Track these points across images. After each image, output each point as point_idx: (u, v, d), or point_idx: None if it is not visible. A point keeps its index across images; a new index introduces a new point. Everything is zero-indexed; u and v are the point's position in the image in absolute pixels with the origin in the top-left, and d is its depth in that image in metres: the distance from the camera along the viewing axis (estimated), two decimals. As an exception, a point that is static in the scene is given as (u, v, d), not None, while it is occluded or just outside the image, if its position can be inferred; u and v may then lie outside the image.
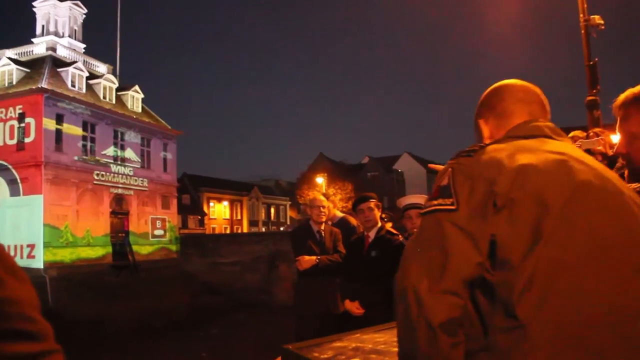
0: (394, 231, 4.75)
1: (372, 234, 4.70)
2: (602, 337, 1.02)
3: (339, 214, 5.69)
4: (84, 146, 29.40)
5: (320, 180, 51.89)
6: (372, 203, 4.75)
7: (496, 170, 1.12)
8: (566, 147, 1.24)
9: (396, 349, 1.13)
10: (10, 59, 29.59)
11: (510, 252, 1.06)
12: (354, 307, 4.45)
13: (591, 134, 5.00)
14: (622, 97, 1.59)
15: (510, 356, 1.04)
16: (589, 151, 4.92)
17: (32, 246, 25.60)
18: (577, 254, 1.05)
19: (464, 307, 1.09)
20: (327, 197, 5.70)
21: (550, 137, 1.27)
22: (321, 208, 5.13)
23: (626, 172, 1.65)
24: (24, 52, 31.85)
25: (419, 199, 4.48)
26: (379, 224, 4.74)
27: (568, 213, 1.07)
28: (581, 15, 10.15)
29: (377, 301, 4.33)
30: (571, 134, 5.12)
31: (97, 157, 29.98)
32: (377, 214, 4.75)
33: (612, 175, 1.20)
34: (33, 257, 25.43)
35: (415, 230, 4.49)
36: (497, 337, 1.07)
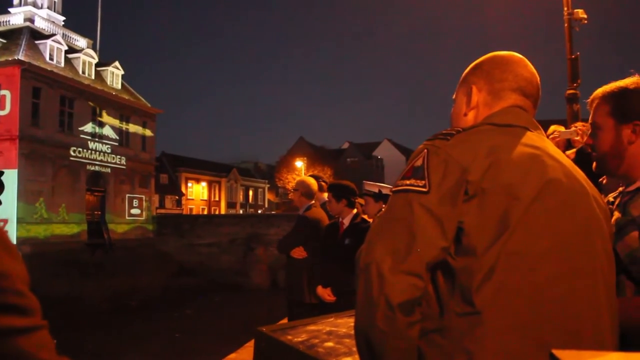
0: (369, 218, 4.68)
1: (346, 221, 4.66)
2: (551, 330, 1.05)
3: (326, 196, 5.63)
4: (61, 121, 28.89)
5: (299, 164, 51.85)
6: (330, 195, 4.73)
7: (471, 158, 1.12)
8: (541, 141, 1.24)
9: None
10: (-14, 28, 28.86)
11: (476, 241, 1.08)
12: (325, 293, 4.45)
13: (573, 128, 5.04)
14: (594, 93, 1.70)
15: (462, 340, 1.06)
16: (568, 141, 4.97)
17: (4, 221, 25.17)
18: (537, 249, 1.07)
19: (424, 289, 1.10)
20: (317, 179, 5.56)
21: (528, 129, 1.26)
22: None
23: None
24: (1, 22, 31.05)
25: (370, 187, 4.46)
26: (354, 211, 4.68)
27: (535, 208, 1.09)
28: (565, 9, 10.22)
29: (351, 289, 4.24)
30: (552, 128, 5.15)
31: (75, 133, 29.48)
32: (337, 205, 4.68)
33: (580, 174, 1.24)
34: (5, 232, 25.02)
35: (365, 216, 4.50)
36: (453, 320, 1.08)
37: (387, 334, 1.08)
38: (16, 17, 31.20)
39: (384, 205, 4.40)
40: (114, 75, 34.27)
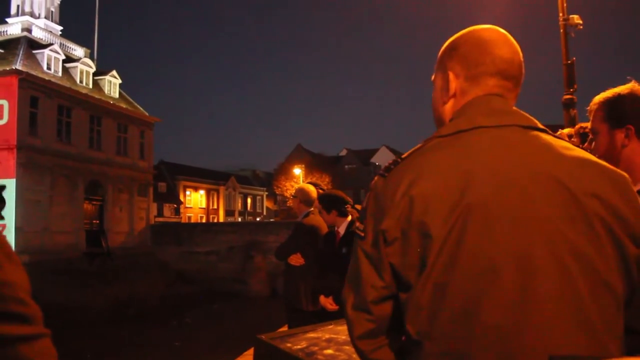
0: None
1: (342, 230, 4.65)
2: (485, 355, 1.06)
3: None
4: (59, 131, 28.88)
5: (297, 171, 51.84)
6: (320, 206, 4.77)
7: (389, 200, 1.13)
8: (493, 142, 1.15)
9: None
10: (-17, 38, 28.89)
11: (406, 278, 1.12)
12: (328, 302, 4.44)
13: (558, 133, 5.08)
14: (592, 100, 1.71)
15: None
16: None
17: (2, 228, 25.11)
18: (460, 279, 1.07)
19: (379, 321, 1.18)
20: (316, 186, 5.56)
21: (485, 127, 1.18)
22: None
23: None
24: (-2, 32, 31.12)
25: None
26: (349, 219, 4.66)
27: (450, 241, 1.07)
28: (560, 15, 10.27)
29: None
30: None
31: (72, 142, 29.46)
32: (328, 216, 4.71)
33: (553, 171, 1.12)
34: (6, 240, 24.95)
35: None
36: (410, 347, 1.15)
37: (360, 358, 1.23)
38: (14, 27, 31.26)
39: None
40: (112, 84, 34.29)
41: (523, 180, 1.09)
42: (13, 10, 32.98)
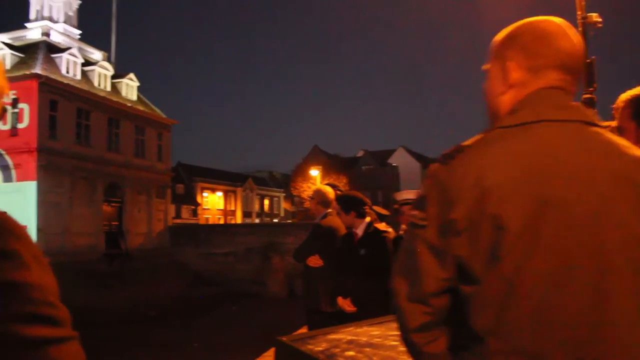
0: (385, 227, 4.67)
1: (360, 231, 4.62)
2: (558, 354, 1.04)
3: None
4: (78, 133, 29.18)
5: (315, 172, 51.76)
6: (339, 207, 4.73)
7: (458, 190, 1.10)
8: (563, 138, 1.13)
9: (390, 342, 1.17)
10: (4, 43, 29.25)
11: (472, 271, 1.09)
12: (346, 304, 4.41)
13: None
14: (619, 98, 1.69)
15: None
16: None
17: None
18: (534, 274, 1.05)
19: (437, 313, 1.16)
20: (334, 187, 5.53)
21: (551, 121, 1.16)
22: None
23: None
24: (18, 37, 31.56)
25: (412, 194, 4.48)
26: (367, 220, 4.65)
27: (526, 235, 1.06)
28: (579, 13, 10.10)
29: (370, 298, 4.28)
30: None
31: (91, 145, 29.74)
32: (346, 217, 4.68)
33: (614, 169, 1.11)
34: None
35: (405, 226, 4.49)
36: (466, 343, 1.13)
37: (411, 352, 1.20)
38: (33, 32, 31.68)
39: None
40: (129, 86, 34.57)
41: (602, 180, 1.09)
42: (32, 15, 33.40)
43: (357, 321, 2.91)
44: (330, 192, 5.20)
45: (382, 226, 4.69)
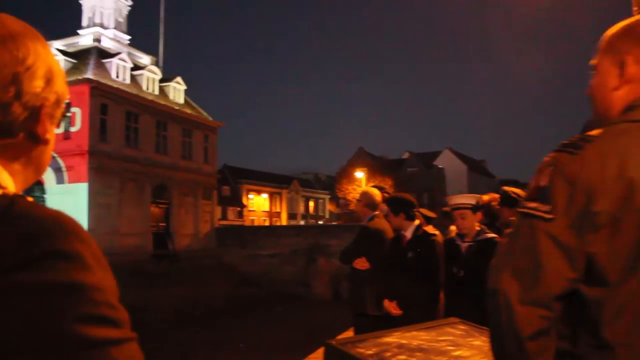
0: (433, 230, 4.61)
1: (409, 234, 4.59)
2: None
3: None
4: (127, 136, 29.89)
5: (360, 174, 51.65)
6: (388, 209, 4.74)
7: (599, 181, 0.97)
8: None
9: (440, 346, 1.00)
10: (58, 50, 30.25)
11: (608, 272, 0.97)
12: (392, 307, 4.38)
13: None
14: None
15: None
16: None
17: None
18: None
19: (554, 319, 1.04)
20: (381, 190, 5.48)
21: None
22: None
23: None
24: (71, 44, 32.63)
25: (466, 198, 4.38)
26: (416, 223, 4.61)
27: None
28: (635, 9, 9.61)
29: (416, 302, 4.25)
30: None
31: (140, 147, 30.40)
32: (395, 219, 4.65)
33: None
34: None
35: (459, 231, 4.34)
36: (585, 351, 1.02)
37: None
38: (85, 38, 32.68)
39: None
40: (177, 90, 35.21)
41: None
42: (84, 22, 34.49)
43: (403, 325, 2.82)
44: (377, 194, 5.18)
45: (430, 229, 4.63)
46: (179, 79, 35.26)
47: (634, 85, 1.13)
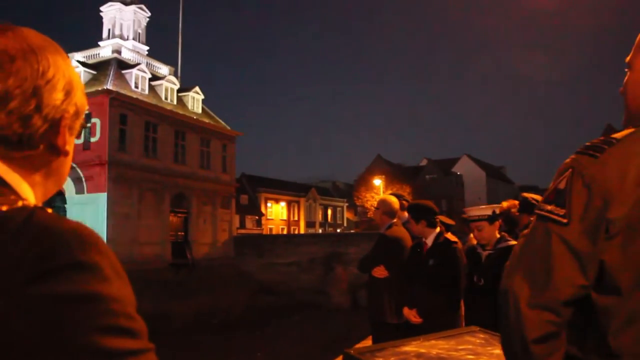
0: (453, 238, 4.57)
1: (429, 241, 4.56)
2: None
3: (407, 216, 5.45)
4: (146, 146, 30.16)
5: (377, 182, 51.56)
6: (410, 216, 4.73)
7: (618, 187, 0.95)
8: None
9: (459, 355, 1.00)
10: (78, 61, 30.71)
11: (620, 281, 0.95)
12: (411, 314, 4.34)
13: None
14: None
15: None
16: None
17: (96, 243, 26.36)
18: None
19: (562, 324, 1.02)
20: (399, 197, 5.45)
21: None
22: None
23: None
24: (91, 55, 33.11)
25: (481, 210, 4.37)
26: (437, 230, 4.58)
27: None
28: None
29: (436, 310, 4.22)
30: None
31: (159, 157, 30.65)
32: (416, 226, 4.63)
33: None
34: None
35: (477, 241, 4.31)
36: (592, 359, 1.00)
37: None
38: (105, 50, 33.14)
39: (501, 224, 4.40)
40: (195, 100, 35.48)
41: None
42: (105, 34, 35.08)
43: (423, 333, 2.80)
44: (395, 202, 5.14)
45: (451, 237, 4.59)
46: (197, 88, 35.54)
47: None
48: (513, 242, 4.05)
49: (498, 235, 4.24)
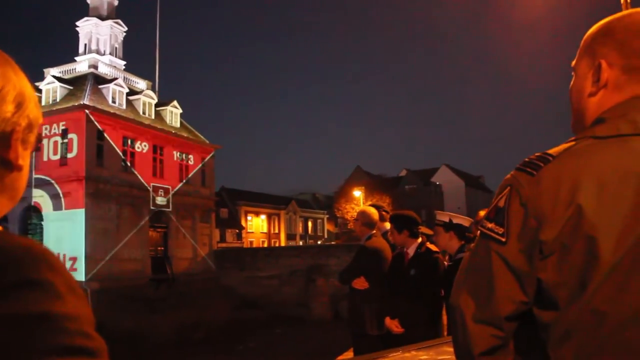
0: (434, 248, 4.59)
1: (411, 251, 4.56)
2: None
3: (387, 226, 5.47)
4: (124, 161, 29.92)
5: (357, 193, 51.68)
6: (392, 226, 4.69)
7: (550, 208, 0.96)
8: None
9: None
10: (54, 77, 30.45)
11: (556, 298, 0.97)
12: (393, 325, 4.33)
13: None
14: None
15: None
16: None
17: (74, 259, 26.04)
18: (627, 310, 0.92)
19: (506, 337, 1.04)
20: (378, 208, 5.46)
21: None
22: None
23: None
24: (68, 70, 32.79)
25: (439, 215, 4.44)
26: (419, 241, 4.58)
27: (623, 268, 0.92)
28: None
29: (418, 320, 4.22)
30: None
31: (137, 172, 30.42)
32: (399, 236, 4.61)
33: None
34: (75, 269, 25.88)
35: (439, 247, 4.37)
36: None
37: None
38: (81, 65, 32.85)
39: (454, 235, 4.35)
40: (173, 114, 35.32)
41: None
42: (81, 49, 34.76)
43: (405, 344, 2.81)
44: (374, 213, 5.14)
45: (434, 247, 4.61)
46: (175, 102, 35.40)
47: (609, 92, 1.08)
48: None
49: (457, 246, 4.29)
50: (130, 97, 32.59)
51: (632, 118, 1.01)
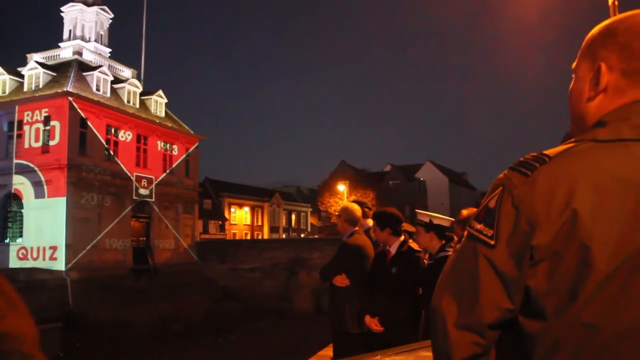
0: (416, 247, 4.54)
1: (393, 249, 4.50)
2: None
3: (370, 223, 5.44)
4: (107, 150, 29.62)
5: (341, 187, 51.75)
6: (375, 223, 4.64)
7: (544, 211, 0.92)
8: None
9: None
10: (37, 62, 29.99)
11: (544, 307, 0.93)
12: (373, 323, 4.28)
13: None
14: None
15: None
16: None
17: (54, 248, 25.80)
18: (620, 324, 0.89)
19: (488, 345, 0.99)
20: (362, 205, 5.41)
21: None
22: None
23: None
24: (51, 56, 32.34)
25: (420, 215, 4.38)
26: (401, 239, 4.53)
27: (618, 279, 0.88)
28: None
29: (398, 319, 4.18)
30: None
31: (120, 161, 30.14)
32: (381, 234, 4.56)
33: None
34: (55, 259, 25.65)
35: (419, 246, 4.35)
36: None
37: None
38: (66, 51, 32.40)
39: (435, 236, 4.30)
40: (158, 103, 35.03)
41: None
42: (65, 35, 34.24)
43: (384, 342, 2.79)
44: (357, 209, 5.07)
45: (416, 245, 4.55)
46: (160, 92, 35.10)
47: (609, 96, 1.04)
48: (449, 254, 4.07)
49: (438, 245, 4.26)
50: (115, 85, 32.23)
51: (635, 123, 0.98)
